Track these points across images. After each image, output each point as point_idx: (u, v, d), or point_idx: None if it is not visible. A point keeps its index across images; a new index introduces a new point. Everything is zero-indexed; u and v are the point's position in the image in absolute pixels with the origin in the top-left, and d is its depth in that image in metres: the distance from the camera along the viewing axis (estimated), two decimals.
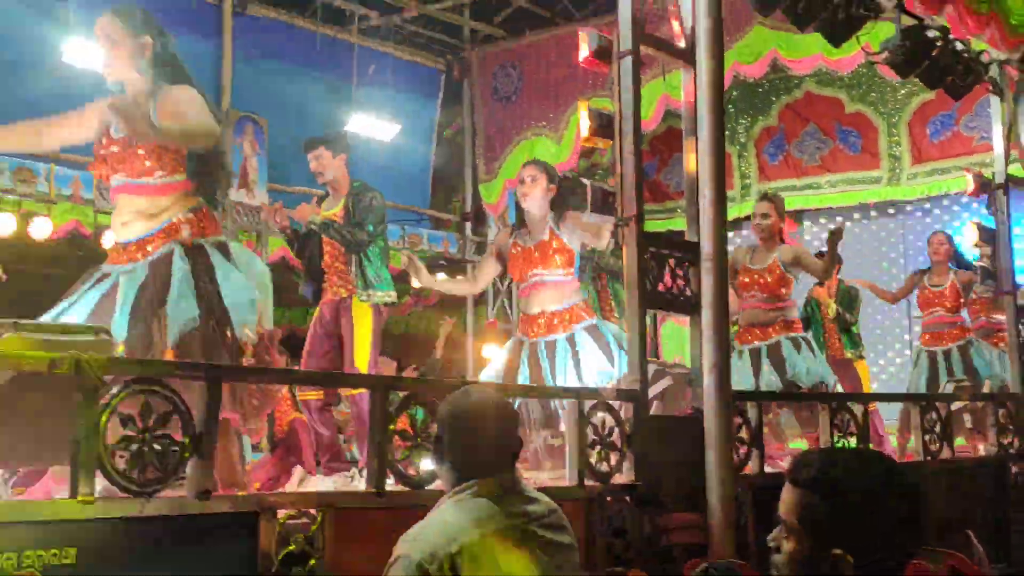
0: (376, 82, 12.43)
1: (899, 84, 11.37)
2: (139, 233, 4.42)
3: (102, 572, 3.11)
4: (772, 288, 7.40)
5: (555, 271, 6.03)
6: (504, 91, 12.84)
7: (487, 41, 13.14)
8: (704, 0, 5.00)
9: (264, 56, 11.70)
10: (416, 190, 13.26)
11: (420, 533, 2.66)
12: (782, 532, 2.07)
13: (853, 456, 2.14)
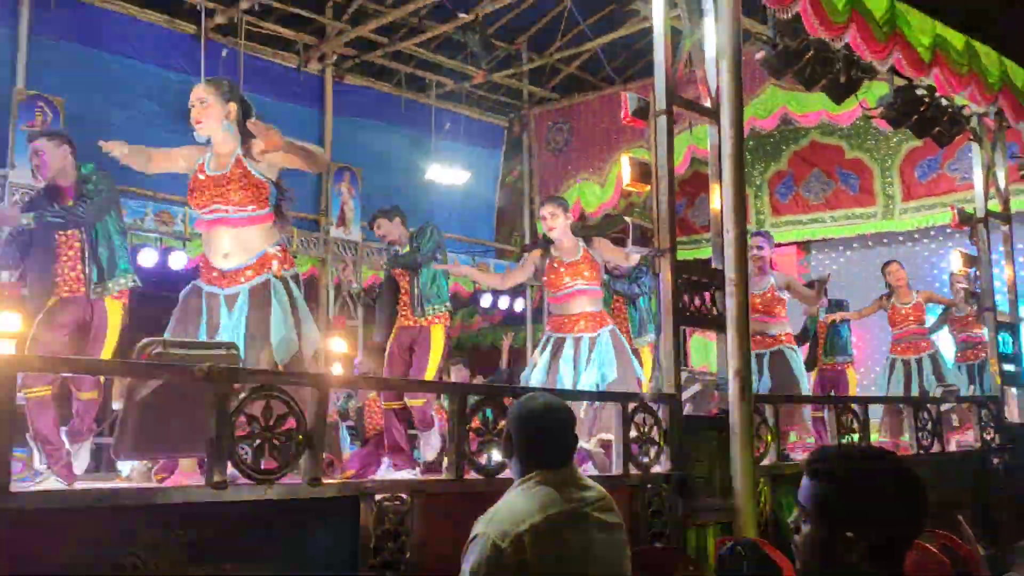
0: (450, 137, 12.51)
1: (891, 134, 11.27)
2: (237, 264, 4.41)
3: (233, 545, 3.14)
4: (769, 308, 7.40)
5: (590, 282, 6.04)
6: (556, 143, 12.87)
7: (542, 102, 13.17)
8: (726, 69, 4.98)
9: (358, 116, 11.85)
10: (483, 226, 13.31)
11: (494, 515, 2.66)
12: (801, 516, 2.04)
13: (864, 452, 2.10)
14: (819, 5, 4.97)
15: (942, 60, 5.73)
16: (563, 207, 6.17)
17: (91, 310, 4.74)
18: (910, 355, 8.66)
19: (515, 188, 13.52)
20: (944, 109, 6.66)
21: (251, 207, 4.41)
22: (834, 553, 1.94)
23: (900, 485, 1.99)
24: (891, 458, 2.09)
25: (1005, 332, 7.24)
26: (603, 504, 2.84)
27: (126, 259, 5.00)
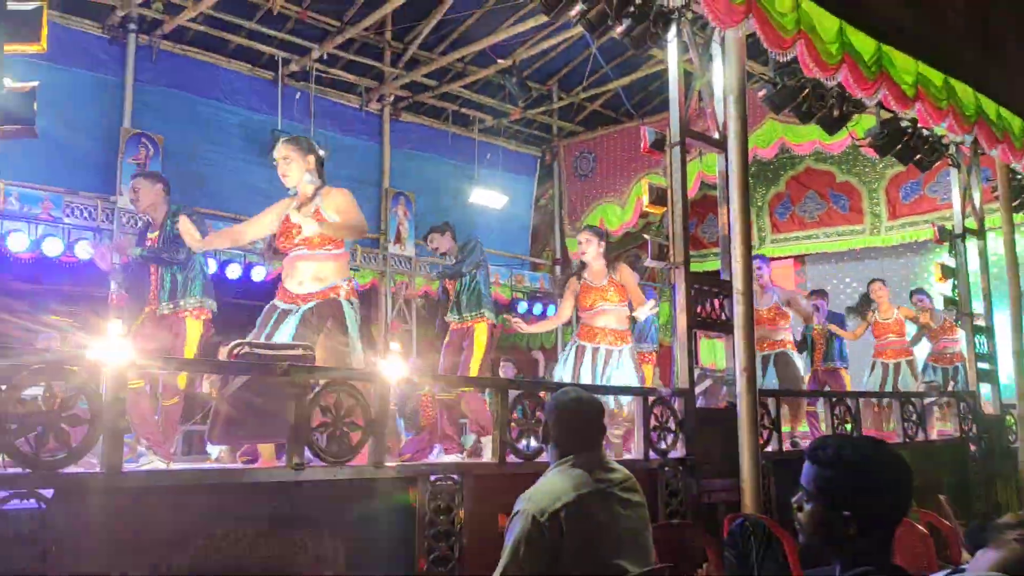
0: (490, 166, 12.54)
1: (877, 160, 11.12)
2: (308, 290, 4.41)
3: (310, 517, 3.17)
4: (773, 321, 7.34)
5: (616, 304, 5.97)
6: (583, 171, 12.85)
7: (570, 135, 13.16)
8: (733, 106, 4.95)
9: (412, 149, 11.92)
10: (520, 243, 13.30)
11: (534, 494, 2.67)
12: (803, 497, 2.03)
13: (859, 441, 2.07)
14: (814, 49, 4.92)
15: (924, 95, 5.65)
16: (598, 236, 6.09)
17: (174, 326, 4.83)
18: (890, 359, 8.56)
19: (547, 210, 13.52)
20: (925, 138, 6.58)
21: (329, 246, 4.45)
22: (833, 529, 1.93)
23: (891, 469, 1.97)
24: (883, 446, 2.07)
25: (981, 335, 7.10)
26: (628, 484, 2.84)
27: (200, 287, 4.99)
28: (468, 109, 12.18)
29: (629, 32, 4.80)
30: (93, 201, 8.59)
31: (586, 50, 10.60)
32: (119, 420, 2.72)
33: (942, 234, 7.28)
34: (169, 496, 2.86)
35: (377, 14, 9.51)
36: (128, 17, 9.02)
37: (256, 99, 10.13)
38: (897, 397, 6.36)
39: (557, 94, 12.07)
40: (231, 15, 9.48)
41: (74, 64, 8.79)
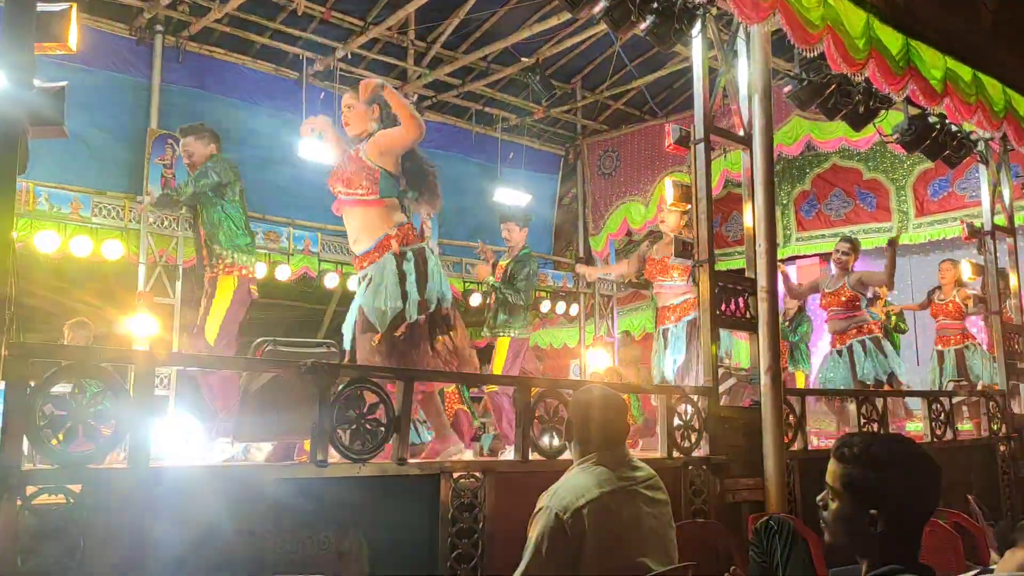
0: (514, 164, 12.53)
1: (905, 157, 10.98)
2: (364, 248, 4.45)
3: (333, 514, 3.19)
4: (844, 304, 7.31)
5: (673, 279, 5.92)
6: (606, 169, 12.81)
7: (594, 134, 13.12)
8: (758, 103, 4.91)
9: (434, 148, 11.90)
10: (543, 241, 13.28)
11: (557, 491, 2.67)
12: (828, 495, 2.01)
13: (886, 439, 2.06)
14: (842, 44, 4.87)
15: (952, 91, 5.58)
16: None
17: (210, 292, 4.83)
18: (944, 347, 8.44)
19: (570, 208, 13.49)
20: (953, 135, 6.49)
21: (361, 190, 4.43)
22: (859, 527, 1.92)
23: (917, 467, 1.96)
24: (909, 443, 2.05)
25: (1012, 333, 7.00)
26: (652, 483, 2.83)
27: (243, 236, 5.00)
28: (491, 108, 12.18)
29: (653, 29, 4.78)
30: (121, 201, 8.68)
31: (610, 48, 10.57)
32: (146, 416, 2.75)
33: (971, 231, 7.18)
34: (196, 491, 2.89)
35: (400, 13, 9.53)
36: (155, 19, 9.12)
37: (281, 99, 10.19)
38: (925, 396, 6.27)
39: (581, 92, 12.04)
40: (256, 16, 9.55)
41: (101, 66, 8.90)
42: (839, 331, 7.33)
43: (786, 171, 13.01)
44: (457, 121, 12.19)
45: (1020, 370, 6.94)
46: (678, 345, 5.71)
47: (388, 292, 4.24)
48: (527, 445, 3.85)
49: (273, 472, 3.19)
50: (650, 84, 11.32)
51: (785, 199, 13.14)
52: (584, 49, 10.79)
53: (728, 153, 7.88)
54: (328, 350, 3.54)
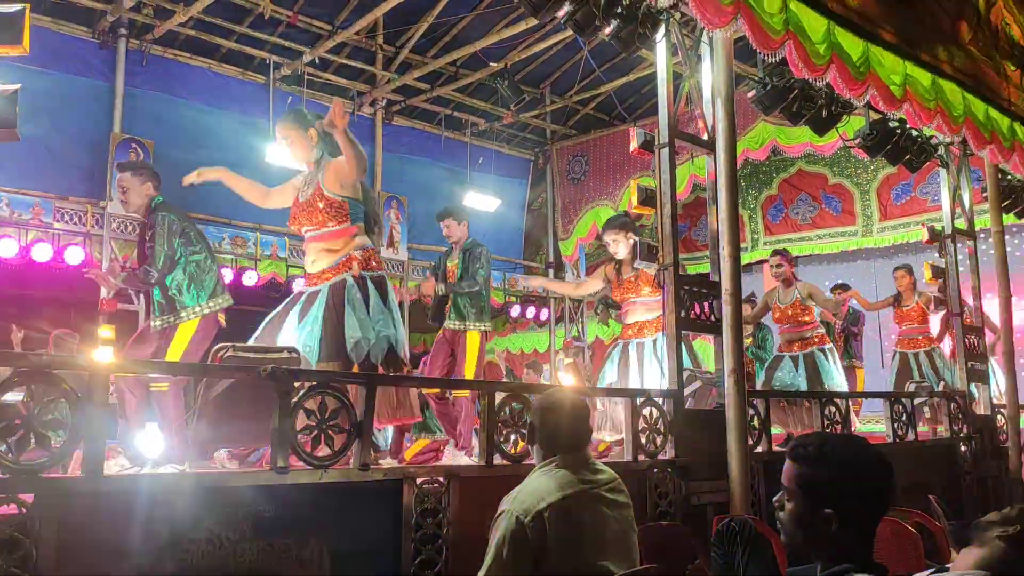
0: (483, 169, 12.55)
1: (869, 161, 11.16)
2: (323, 266, 4.42)
3: (294, 521, 3.15)
4: (798, 316, 7.36)
5: (645, 296, 5.90)
6: (575, 174, 12.87)
7: (563, 138, 13.17)
8: (721, 107, 4.94)
9: (404, 153, 11.92)
10: (513, 246, 13.31)
11: (518, 494, 2.66)
12: (784, 496, 2.02)
13: (840, 439, 2.07)
14: (803, 49, 4.92)
15: (912, 96, 5.65)
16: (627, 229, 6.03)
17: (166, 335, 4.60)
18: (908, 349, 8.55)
19: (540, 213, 13.53)
20: (914, 139, 6.58)
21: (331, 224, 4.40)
22: (814, 527, 1.92)
23: (872, 467, 1.97)
24: (863, 443, 2.07)
25: (971, 335, 7.11)
26: (614, 486, 2.83)
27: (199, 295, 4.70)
28: (461, 113, 12.18)
29: (617, 33, 4.80)
30: (83, 206, 8.57)
31: (578, 53, 10.61)
32: (101, 424, 2.70)
33: (932, 235, 7.28)
34: (153, 500, 2.84)
35: (369, 17, 9.50)
36: (118, 22, 9.02)
37: (248, 103, 10.12)
38: (886, 397, 6.35)
39: (550, 97, 12.08)
40: (222, 19, 9.47)
41: (64, 69, 8.79)
42: (796, 341, 7.40)
43: (753, 176, 13.14)
44: (426, 126, 12.18)
45: (980, 371, 7.04)
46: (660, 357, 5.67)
47: (363, 322, 4.20)
48: (492, 449, 3.83)
49: (232, 479, 3.14)
50: (618, 89, 11.39)
51: (753, 203, 13.27)
52: (553, 54, 10.84)
53: (696, 157, 7.92)
54: (289, 355, 3.50)
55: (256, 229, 9.70)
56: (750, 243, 13.21)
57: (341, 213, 4.41)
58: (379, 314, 4.29)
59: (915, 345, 8.47)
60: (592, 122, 12.81)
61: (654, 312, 5.82)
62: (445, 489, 3.60)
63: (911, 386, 7.18)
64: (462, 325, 6.29)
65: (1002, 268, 7.32)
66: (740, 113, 9.75)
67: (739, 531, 3.23)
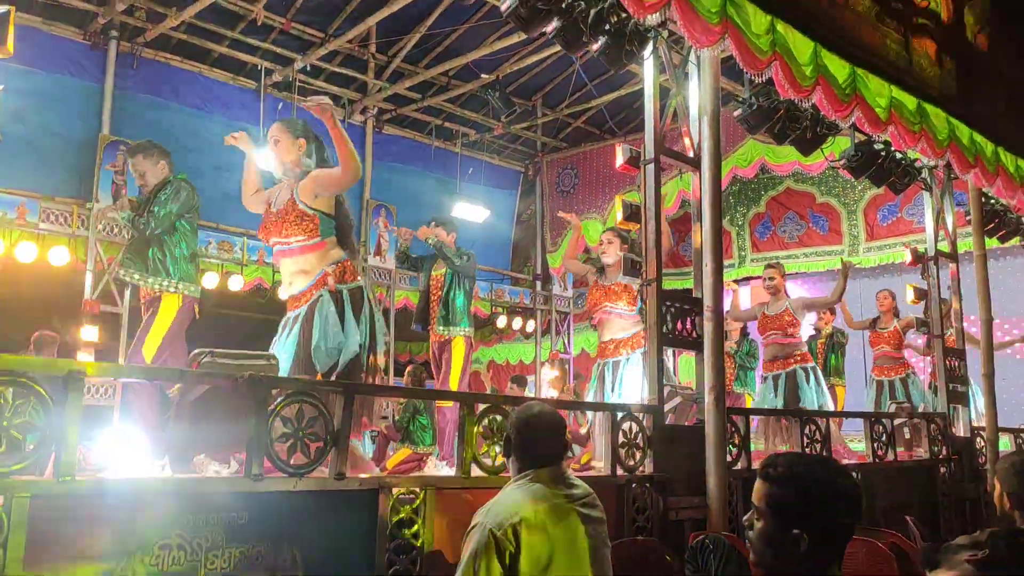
0: (473, 180, 12.57)
1: (856, 182, 11.18)
2: (300, 288, 4.37)
3: (268, 529, 3.13)
4: (785, 327, 7.39)
5: (621, 308, 5.91)
6: (565, 186, 12.91)
7: (554, 151, 13.22)
8: (707, 125, 4.98)
9: (394, 161, 11.93)
10: (501, 257, 13.32)
11: (492, 507, 2.66)
12: (754, 515, 2.03)
13: (810, 459, 2.08)
14: (789, 70, 4.95)
15: (897, 119, 5.70)
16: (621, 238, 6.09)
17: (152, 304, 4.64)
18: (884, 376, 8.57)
19: (529, 225, 13.57)
20: (898, 162, 6.64)
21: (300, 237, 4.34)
22: (783, 547, 1.93)
23: (840, 487, 1.99)
24: (832, 464, 2.08)
25: (952, 358, 7.16)
26: (588, 500, 2.83)
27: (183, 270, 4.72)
28: (451, 123, 12.21)
29: (605, 50, 4.83)
30: (69, 207, 8.53)
31: (570, 67, 10.66)
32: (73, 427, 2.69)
33: (916, 257, 7.33)
34: (124, 504, 2.83)
35: (362, 26, 9.53)
36: (110, 24, 9.01)
37: (238, 108, 10.12)
38: (866, 417, 6.37)
39: (541, 110, 12.13)
40: (214, 24, 9.48)
41: (53, 69, 8.77)
42: (778, 357, 7.41)
43: (742, 193, 13.21)
44: (417, 135, 12.21)
45: (960, 393, 7.08)
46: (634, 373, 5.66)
47: (328, 331, 4.15)
48: (469, 460, 3.83)
49: (206, 485, 3.13)
50: (609, 104, 11.46)
51: (741, 220, 13.33)
52: (545, 67, 10.88)
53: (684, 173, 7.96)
54: (268, 362, 3.49)
55: (243, 234, 9.68)
56: (737, 260, 13.28)
57: (311, 227, 4.33)
58: (351, 327, 4.24)
59: (889, 372, 8.51)
60: (583, 135, 12.87)
61: (628, 331, 5.85)
62: (421, 500, 3.57)
63: (892, 406, 7.22)
64: (448, 332, 6.30)
65: (984, 291, 7.37)
66: (729, 130, 9.87)
67: (713, 548, 3.25)
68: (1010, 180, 6.94)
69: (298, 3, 9.41)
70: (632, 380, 5.68)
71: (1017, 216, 8.07)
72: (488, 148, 12.85)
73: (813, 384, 7.19)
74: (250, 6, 9.18)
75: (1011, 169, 6.97)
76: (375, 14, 9.18)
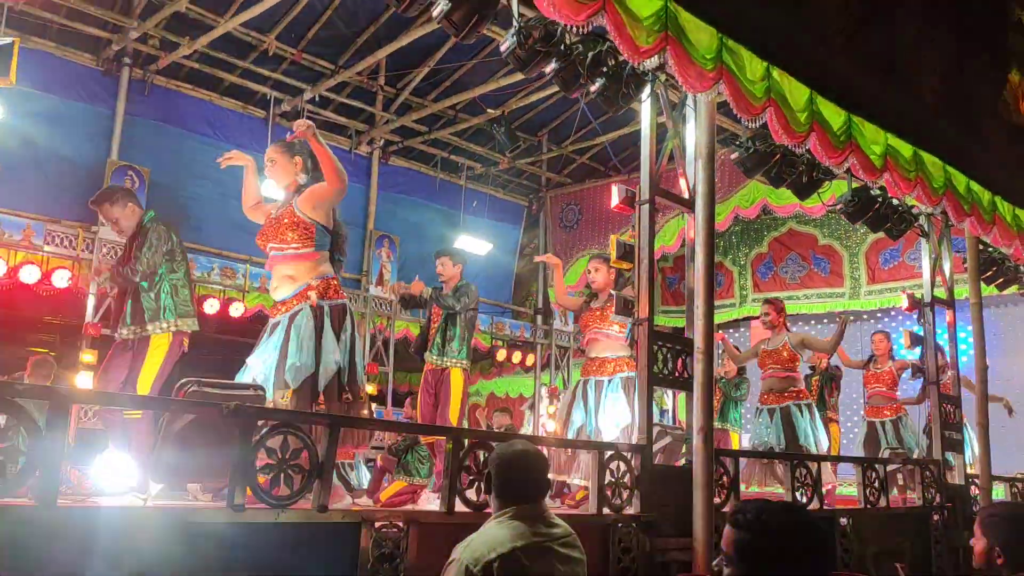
0: (477, 213, 12.68)
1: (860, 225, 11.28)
2: (284, 295, 4.41)
3: (249, 560, 3.13)
4: (784, 362, 7.39)
5: (612, 331, 5.89)
6: (568, 222, 13.00)
7: (558, 186, 13.33)
8: (702, 168, 5.02)
9: (399, 192, 12.04)
10: (503, 290, 13.38)
11: (470, 543, 2.67)
12: (723, 561, 2.06)
13: (778, 507, 2.10)
14: (783, 117, 5.01)
15: (892, 166, 5.74)
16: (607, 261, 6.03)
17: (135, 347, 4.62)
18: (875, 417, 8.52)
19: (531, 259, 13.63)
20: (895, 208, 6.67)
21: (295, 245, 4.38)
22: None
23: (806, 534, 2.01)
24: (800, 511, 2.11)
25: (948, 404, 7.14)
26: (568, 540, 2.83)
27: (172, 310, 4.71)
28: (457, 156, 12.34)
29: (603, 92, 4.90)
30: (75, 230, 8.63)
31: (575, 104, 10.79)
32: (57, 453, 2.72)
33: (912, 302, 7.33)
34: (105, 533, 2.84)
35: (371, 59, 9.69)
36: (123, 51, 9.18)
37: (246, 137, 10.25)
38: (858, 462, 6.35)
39: (546, 146, 12.25)
40: (226, 54, 9.64)
41: (65, 94, 8.93)
42: (774, 390, 7.40)
43: (745, 233, 13.26)
44: (422, 167, 12.33)
45: (955, 441, 7.05)
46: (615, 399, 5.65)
47: (303, 345, 4.16)
48: (453, 496, 3.83)
49: (188, 515, 3.13)
50: (614, 141, 11.57)
51: (743, 260, 13.38)
52: (550, 104, 11.01)
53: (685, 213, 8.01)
54: (255, 392, 3.51)
55: (246, 261, 9.77)
56: (738, 299, 13.30)
57: (307, 235, 4.38)
58: (330, 343, 4.25)
59: (881, 414, 8.48)
60: (587, 172, 12.98)
61: (618, 352, 5.84)
62: (404, 534, 3.57)
63: (886, 452, 7.19)
64: (442, 361, 6.27)
65: (979, 339, 7.37)
66: (731, 171, 9.95)
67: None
68: (1007, 229, 6.97)
69: (310, 35, 9.57)
70: (614, 405, 5.65)
71: (1015, 265, 8.08)
72: (493, 182, 12.96)
73: (807, 419, 7.16)
74: (262, 36, 9.35)
75: (1008, 218, 7.00)
76: (385, 47, 9.34)
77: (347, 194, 11.06)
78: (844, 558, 5.60)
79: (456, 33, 4.22)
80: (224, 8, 8.75)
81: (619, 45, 4.20)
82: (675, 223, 10.86)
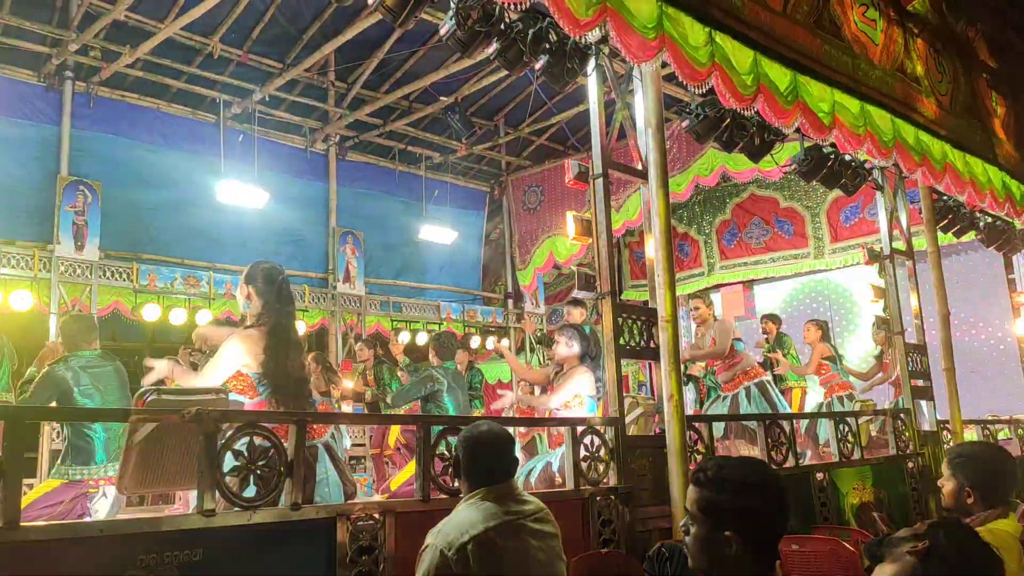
0: (439, 202, 12.64)
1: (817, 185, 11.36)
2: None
3: (223, 565, 3.11)
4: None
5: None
6: (531, 204, 12.98)
7: (518, 170, 13.30)
8: (652, 138, 5.02)
9: (359, 187, 11.96)
10: (471, 278, 13.37)
11: (442, 528, 2.69)
12: (689, 520, 2.07)
13: (738, 462, 2.12)
14: (730, 80, 5.02)
15: (840, 123, 5.78)
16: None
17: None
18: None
19: (497, 244, 13.64)
20: (848, 164, 6.73)
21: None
22: (717, 550, 1.97)
23: (767, 488, 2.02)
24: (760, 466, 2.12)
25: (914, 353, 7.24)
26: (540, 516, 2.85)
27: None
28: (415, 147, 12.27)
29: (548, 69, 4.88)
30: (30, 250, 8.48)
31: (529, 85, 10.76)
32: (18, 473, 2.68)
33: (871, 256, 7.42)
34: (74, 548, 2.80)
35: (319, 54, 9.58)
36: (64, 65, 9.01)
37: (198, 142, 10.13)
38: (831, 417, 6.42)
39: (503, 129, 12.22)
40: (170, 60, 9.49)
41: (9, 113, 8.76)
42: (728, 381, 7.50)
43: (708, 201, 13.33)
44: (380, 160, 12.25)
45: (923, 388, 7.15)
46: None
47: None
48: (428, 483, 3.83)
49: (158, 524, 3.10)
50: (570, 120, 11.55)
51: (708, 229, 13.45)
52: (504, 87, 10.98)
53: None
54: (217, 396, 3.48)
55: (208, 268, 9.67)
56: (706, 268, 13.38)
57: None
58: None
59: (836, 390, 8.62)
60: (546, 153, 12.97)
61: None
62: (381, 525, 3.56)
63: (857, 405, 7.29)
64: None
65: (939, 287, 7.47)
66: (688, 141, 9.97)
67: (669, 556, 3.27)
68: (959, 176, 7.06)
69: (254, 35, 9.45)
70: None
71: (970, 211, 8.20)
72: (453, 170, 12.92)
73: (757, 399, 7.23)
74: (206, 40, 9.22)
75: (959, 165, 7.09)
76: (332, 41, 9.24)
77: (308, 192, 11.04)
78: (823, 512, 5.67)
79: (393, 20, 4.18)
80: (164, 13, 8.61)
81: (558, 19, 4.19)
82: (637, 197, 10.87)
